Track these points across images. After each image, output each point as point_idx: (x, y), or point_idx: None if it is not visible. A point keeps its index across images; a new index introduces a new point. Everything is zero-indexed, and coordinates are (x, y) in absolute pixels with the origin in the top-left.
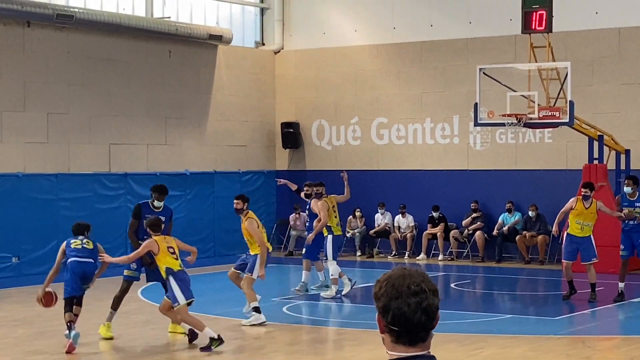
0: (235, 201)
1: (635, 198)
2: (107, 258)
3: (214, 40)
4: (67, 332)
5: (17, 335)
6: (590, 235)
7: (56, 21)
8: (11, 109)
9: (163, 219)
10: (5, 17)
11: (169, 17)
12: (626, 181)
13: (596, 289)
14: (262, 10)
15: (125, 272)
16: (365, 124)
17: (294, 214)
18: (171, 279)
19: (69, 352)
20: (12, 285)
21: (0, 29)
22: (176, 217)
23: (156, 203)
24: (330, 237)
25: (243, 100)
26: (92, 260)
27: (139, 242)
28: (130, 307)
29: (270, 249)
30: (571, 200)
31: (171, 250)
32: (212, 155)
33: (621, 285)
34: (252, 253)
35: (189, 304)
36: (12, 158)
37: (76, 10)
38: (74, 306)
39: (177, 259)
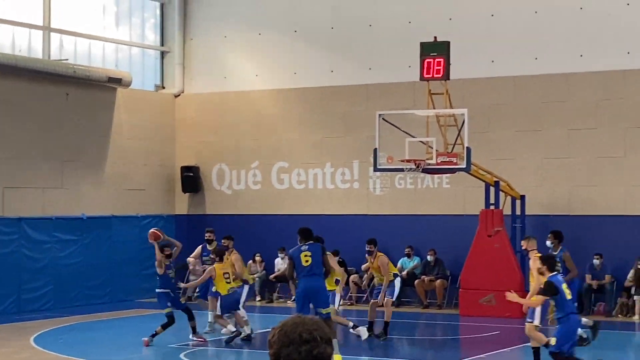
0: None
1: (557, 252)
2: None
3: (113, 83)
4: None
5: None
6: None
7: None
8: None
9: None
10: None
11: (67, 59)
12: (548, 235)
13: None
14: (163, 54)
15: None
16: (265, 169)
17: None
18: None
19: None
20: None
21: None
22: (72, 263)
23: None
24: (246, 287)
25: (142, 143)
26: None
27: None
28: (23, 355)
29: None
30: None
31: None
32: (110, 199)
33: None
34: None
35: None
36: None
37: None
38: None
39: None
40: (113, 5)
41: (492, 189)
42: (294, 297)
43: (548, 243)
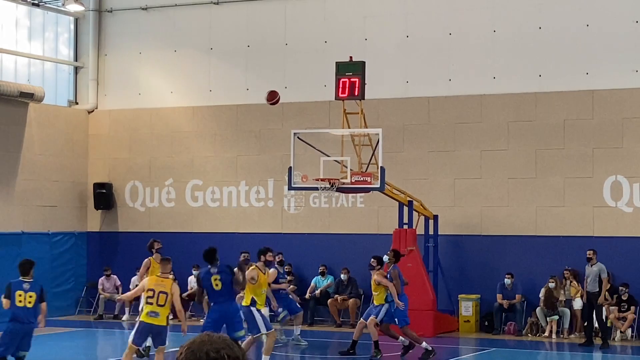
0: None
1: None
2: None
3: (25, 97)
4: None
5: None
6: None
7: None
8: None
9: None
10: None
11: None
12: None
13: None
14: (77, 69)
15: None
16: (179, 186)
17: (104, 276)
18: None
19: None
20: None
21: None
22: None
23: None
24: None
25: (54, 159)
26: None
27: None
28: None
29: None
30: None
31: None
32: (20, 215)
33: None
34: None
35: None
36: None
37: None
38: None
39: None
40: (26, 19)
41: (405, 209)
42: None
43: (385, 258)
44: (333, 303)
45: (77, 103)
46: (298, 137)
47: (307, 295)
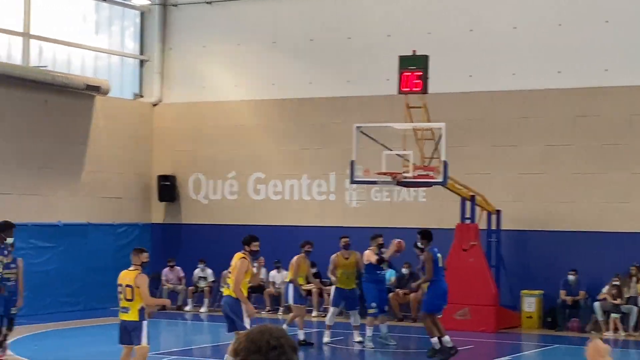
0: None
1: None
2: None
3: (91, 90)
4: None
5: None
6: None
7: None
8: None
9: None
10: None
11: (46, 66)
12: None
13: None
14: (142, 62)
15: None
16: (242, 179)
17: (167, 267)
18: None
19: None
20: None
21: None
22: (47, 269)
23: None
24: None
25: (120, 151)
26: None
27: None
28: None
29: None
30: None
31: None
32: (86, 206)
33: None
34: None
35: None
36: None
37: None
38: None
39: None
40: (93, 13)
41: (468, 203)
42: (268, 307)
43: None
44: (394, 297)
45: (142, 96)
46: (360, 131)
47: None
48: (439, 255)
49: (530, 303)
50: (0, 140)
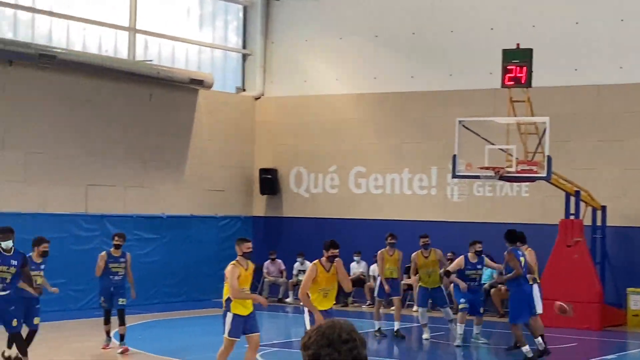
0: None
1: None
2: None
3: (195, 84)
4: None
5: None
6: None
7: (38, 61)
8: None
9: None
10: None
11: (151, 60)
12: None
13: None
14: (244, 56)
15: None
16: (343, 173)
17: (269, 260)
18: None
19: None
20: None
21: None
22: (151, 261)
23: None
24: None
25: (222, 145)
26: None
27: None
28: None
29: None
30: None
31: None
32: (189, 199)
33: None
34: None
35: None
36: None
37: (58, 50)
38: None
39: None
40: (197, 8)
41: (572, 199)
42: (369, 301)
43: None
44: (496, 293)
45: (244, 90)
46: (463, 125)
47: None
48: (522, 257)
49: (636, 301)
50: (107, 133)
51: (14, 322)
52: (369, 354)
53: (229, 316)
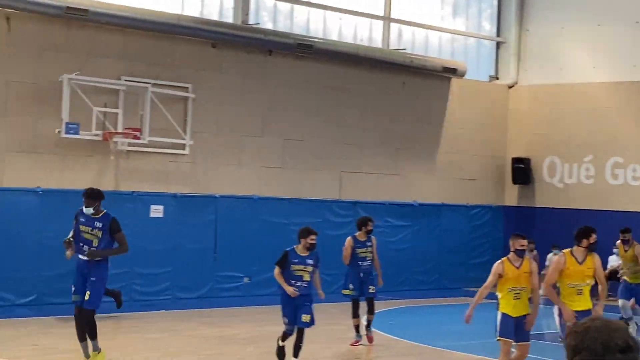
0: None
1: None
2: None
3: (448, 72)
4: None
5: (246, 353)
6: None
7: (296, 50)
8: (251, 134)
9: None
10: (249, 45)
11: (405, 49)
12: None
13: None
14: (498, 44)
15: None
16: (599, 163)
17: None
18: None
19: None
20: (242, 305)
21: (244, 57)
22: (401, 248)
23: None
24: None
25: (474, 133)
26: None
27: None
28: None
29: None
30: None
31: None
32: (440, 187)
33: None
34: None
35: None
36: (249, 181)
37: (315, 40)
38: None
39: None
40: None
41: None
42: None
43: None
44: None
45: (497, 78)
46: None
47: None
48: None
49: None
50: (361, 121)
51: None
52: None
53: (498, 315)
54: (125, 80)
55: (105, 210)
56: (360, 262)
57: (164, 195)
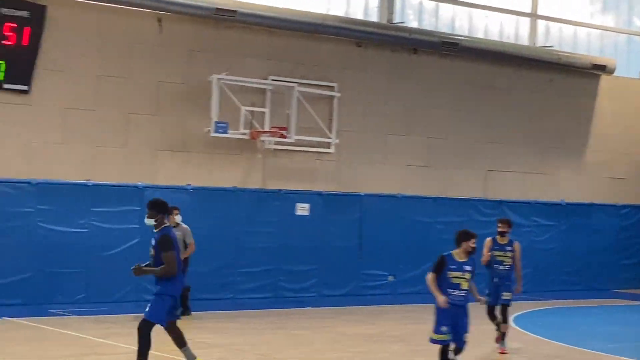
0: None
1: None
2: None
3: (597, 69)
4: None
5: (392, 351)
6: None
7: (441, 49)
8: (395, 133)
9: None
10: (394, 44)
11: (552, 46)
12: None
13: None
14: None
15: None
16: None
17: None
18: None
19: None
20: (388, 303)
21: (389, 56)
22: (548, 248)
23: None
24: None
25: (624, 131)
26: None
27: None
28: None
29: None
30: None
31: None
32: (588, 186)
33: None
34: None
35: None
36: (393, 179)
37: (461, 38)
38: None
39: None
40: None
41: None
42: None
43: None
44: None
45: None
46: None
47: None
48: None
49: None
50: (507, 119)
51: None
52: None
53: None
54: (272, 80)
55: (166, 224)
56: (495, 266)
57: (309, 194)
